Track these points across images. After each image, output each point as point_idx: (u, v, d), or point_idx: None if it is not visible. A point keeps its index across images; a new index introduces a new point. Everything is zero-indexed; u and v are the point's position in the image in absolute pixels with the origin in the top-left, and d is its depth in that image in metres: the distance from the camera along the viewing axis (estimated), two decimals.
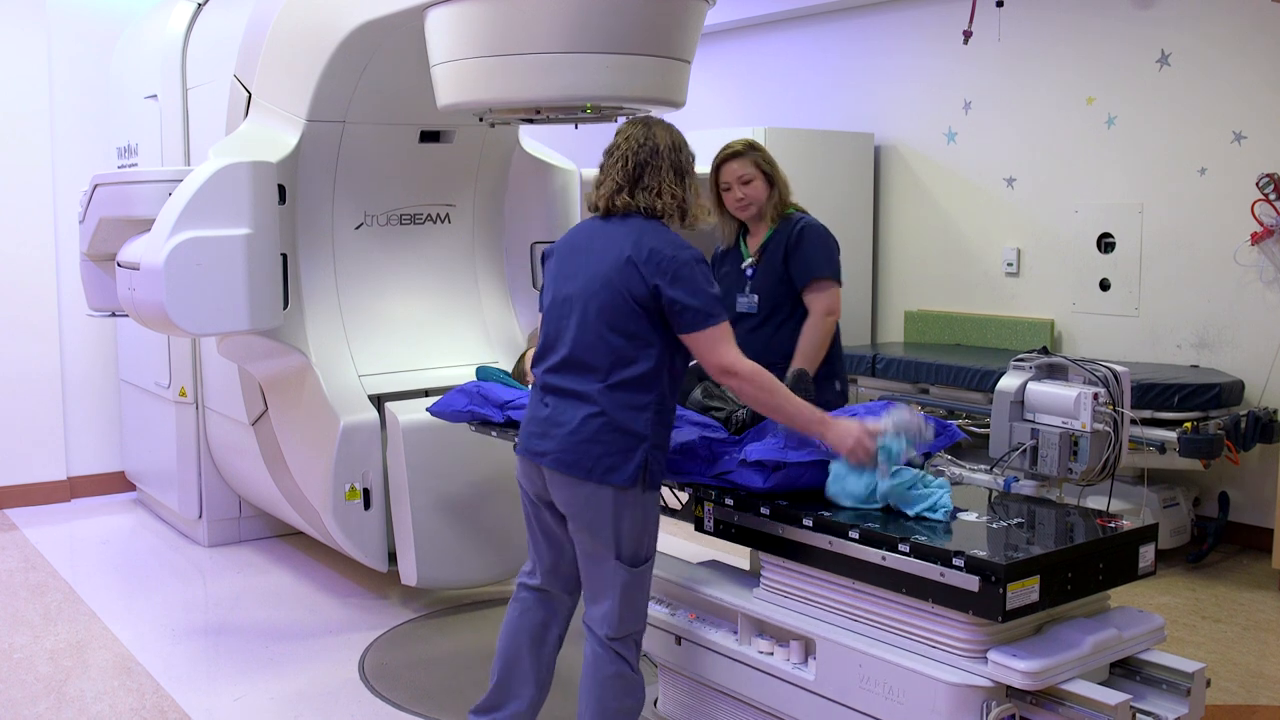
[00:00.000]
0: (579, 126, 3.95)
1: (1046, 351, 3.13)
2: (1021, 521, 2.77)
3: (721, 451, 3.01)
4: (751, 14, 7.40)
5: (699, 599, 3.12)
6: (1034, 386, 3.03)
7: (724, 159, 3.79)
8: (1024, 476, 3.03)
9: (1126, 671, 2.63)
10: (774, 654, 2.89)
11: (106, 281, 4.89)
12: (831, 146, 6.73)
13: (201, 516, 5.54)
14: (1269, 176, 5.21)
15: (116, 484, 6.55)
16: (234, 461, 5.29)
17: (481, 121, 4.07)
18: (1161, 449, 4.87)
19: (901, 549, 2.57)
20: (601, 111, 3.72)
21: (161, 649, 4.28)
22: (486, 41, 3.51)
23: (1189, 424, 4.85)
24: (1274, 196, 5.21)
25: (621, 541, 2.82)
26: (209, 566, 5.29)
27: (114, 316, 5.12)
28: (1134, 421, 3.10)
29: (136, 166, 5.60)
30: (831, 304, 3.71)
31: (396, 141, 4.59)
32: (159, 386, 5.62)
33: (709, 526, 3.10)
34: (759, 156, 3.77)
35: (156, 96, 5.39)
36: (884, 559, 2.61)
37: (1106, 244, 5.90)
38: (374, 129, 4.48)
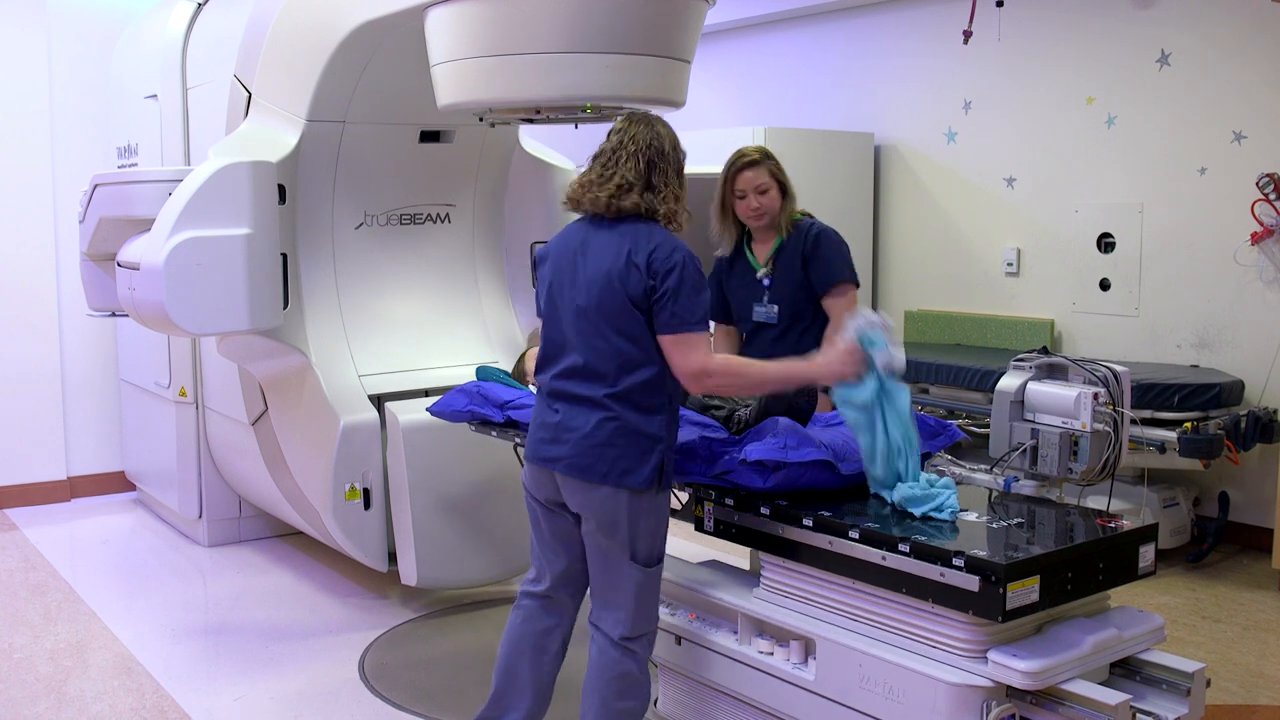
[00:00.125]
0: (579, 126, 3.94)
1: (1046, 351, 3.13)
2: (1021, 521, 2.77)
3: (721, 451, 3.01)
4: (751, 14, 7.40)
5: (699, 599, 3.12)
6: (1034, 386, 3.03)
7: (741, 167, 3.73)
8: (1024, 476, 3.03)
9: (1126, 671, 2.63)
10: (774, 654, 2.89)
11: (106, 281, 4.88)
12: (831, 146, 6.73)
13: (201, 516, 5.54)
14: (1269, 176, 5.21)
15: (116, 484, 6.55)
16: (234, 461, 5.29)
17: (481, 121, 4.07)
18: (1161, 449, 4.86)
19: (901, 549, 2.57)
20: (601, 111, 3.71)
21: (161, 649, 4.28)
22: (486, 41, 3.51)
23: (1189, 424, 4.85)
24: (1274, 196, 5.21)
25: (638, 542, 2.83)
26: (209, 566, 5.29)
27: (114, 316, 5.12)
28: (1134, 421, 3.10)
29: (136, 166, 5.60)
30: (853, 307, 3.73)
31: (396, 141, 4.59)
32: (159, 386, 5.62)
33: (709, 526, 3.11)
34: (774, 165, 3.74)
35: (156, 96, 5.39)
36: (884, 559, 2.61)
37: (1106, 244, 5.90)
38: (374, 129, 4.48)
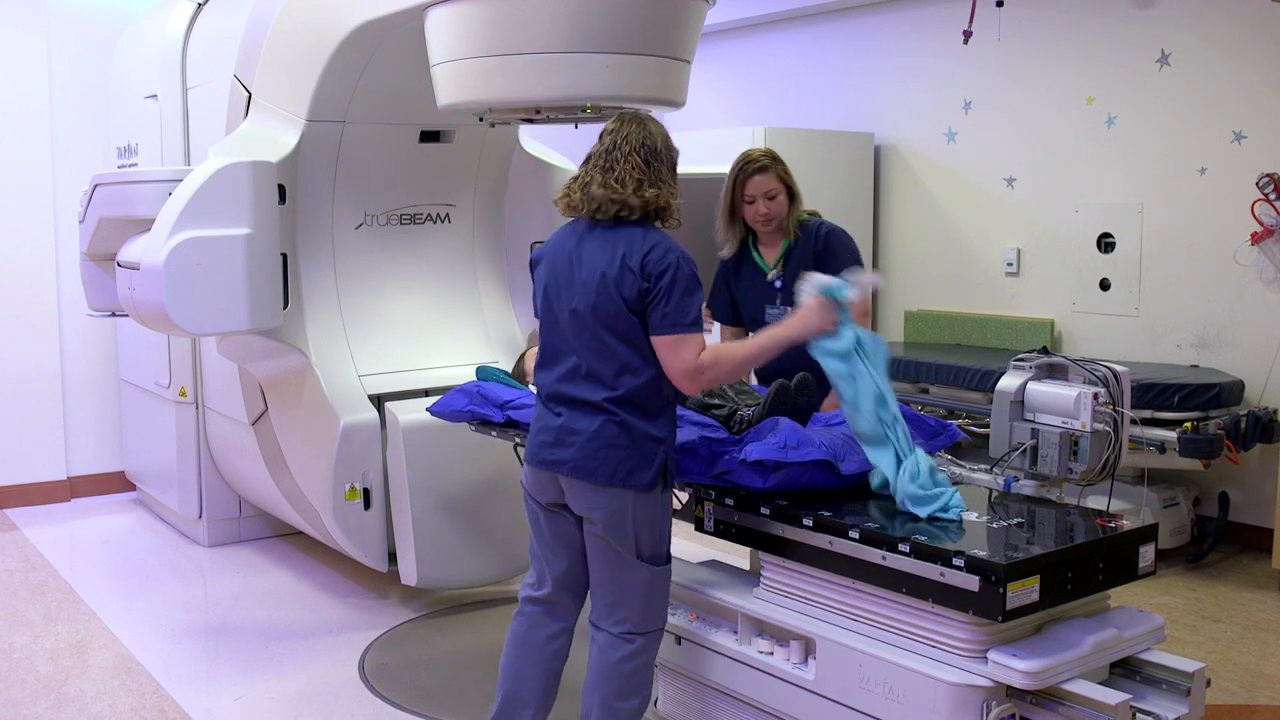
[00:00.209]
0: (579, 126, 3.94)
1: (1046, 351, 3.13)
2: (1021, 521, 2.77)
3: (721, 451, 3.01)
4: (751, 14, 7.40)
5: (699, 599, 3.12)
6: (1034, 386, 3.03)
7: (750, 172, 3.72)
8: (1024, 476, 3.03)
9: (1126, 671, 2.63)
10: (774, 654, 2.89)
11: (106, 281, 4.88)
12: (831, 146, 6.72)
13: (201, 516, 5.54)
14: (1269, 176, 5.21)
15: (116, 484, 6.55)
16: (234, 461, 5.29)
17: (481, 121, 4.07)
18: (1161, 449, 4.86)
19: (901, 549, 2.57)
20: (601, 111, 3.71)
21: (161, 649, 4.28)
22: (486, 41, 3.51)
23: (1189, 424, 4.85)
24: (1274, 196, 5.21)
25: (645, 542, 2.83)
26: (209, 566, 5.29)
27: (114, 316, 5.12)
28: (1134, 421, 3.10)
29: (136, 166, 5.60)
30: (866, 306, 3.75)
31: (396, 141, 4.59)
32: (159, 386, 5.62)
33: (709, 526, 3.11)
34: (782, 169, 3.73)
35: (156, 96, 5.39)
36: (884, 559, 2.61)
37: (1106, 244, 5.90)
38: (374, 129, 4.48)
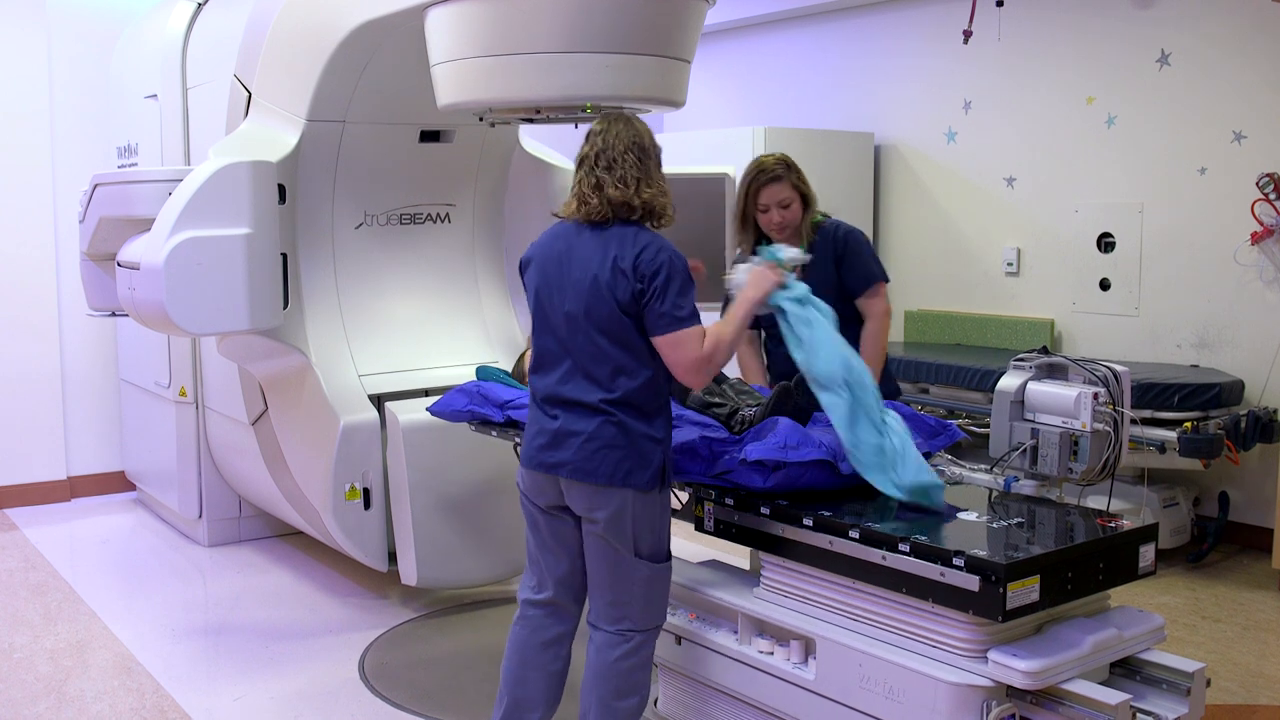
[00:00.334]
0: (579, 126, 3.93)
1: (1046, 351, 3.13)
2: (1021, 521, 2.77)
3: (721, 451, 3.01)
4: (751, 14, 7.40)
5: (699, 599, 3.12)
6: (1034, 386, 3.03)
7: (764, 182, 3.72)
8: (1024, 476, 3.03)
9: (1126, 671, 2.63)
10: (774, 654, 2.89)
11: (106, 281, 4.88)
12: (831, 146, 6.72)
13: (201, 516, 5.54)
14: (1269, 176, 5.21)
15: (116, 484, 6.55)
16: (234, 461, 5.29)
17: (481, 121, 4.07)
18: (1161, 449, 4.86)
19: (901, 549, 2.57)
20: (601, 111, 3.71)
21: (161, 649, 4.27)
22: (486, 41, 3.51)
23: (1189, 424, 4.85)
24: (1274, 196, 5.21)
25: (645, 540, 2.84)
26: (209, 566, 5.29)
27: (114, 316, 5.12)
28: (1134, 421, 3.10)
29: (136, 166, 5.60)
30: (887, 304, 3.79)
31: (396, 141, 4.59)
32: (159, 386, 5.62)
33: (709, 526, 3.11)
34: (795, 177, 3.73)
35: (156, 96, 5.39)
36: (884, 559, 2.61)
37: (1106, 244, 5.90)
38: (374, 129, 4.48)
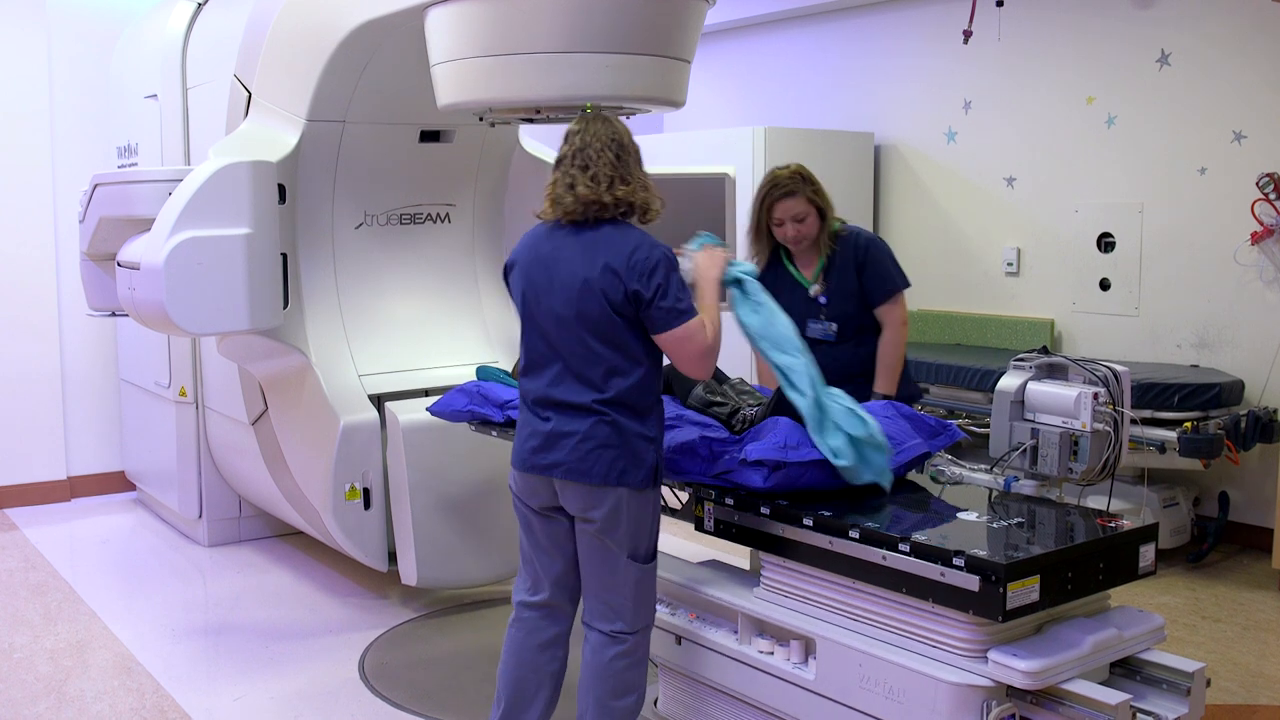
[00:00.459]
0: None
1: (1046, 351, 3.13)
2: (1021, 521, 2.77)
3: (721, 451, 3.01)
4: (751, 14, 7.40)
5: (699, 599, 3.12)
6: (1034, 386, 3.03)
7: (777, 197, 3.71)
8: (1024, 476, 3.03)
9: (1126, 671, 2.63)
10: (774, 654, 2.89)
11: (106, 281, 4.88)
12: (831, 146, 6.72)
13: (201, 516, 5.54)
14: (1269, 176, 5.21)
15: (116, 484, 6.55)
16: (234, 461, 5.28)
17: (481, 121, 4.07)
18: (1161, 449, 4.86)
19: (902, 549, 2.57)
20: (602, 111, 3.71)
21: (161, 649, 4.28)
22: (486, 41, 3.51)
23: (1189, 424, 4.85)
24: (1274, 196, 5.21)
25: (637, 539, 2.85)
26: (209, 566, 5.29)
27: (114, 316, 5.12)
28: (1134, 421, 3.10)
29: (136, 166, 5.60)
30: (905, 313, 3.79)
31: (396, 141, 4.59)
32: (159, 386, 5.62)
33: (709, 526, 3.11)
34: (811, 190, 3.71)
35: (156, 96, 5.39)
36: (884, 559, 2.61)
37: (1106, 244, 5.90)
38: (374, 129, 4.48)
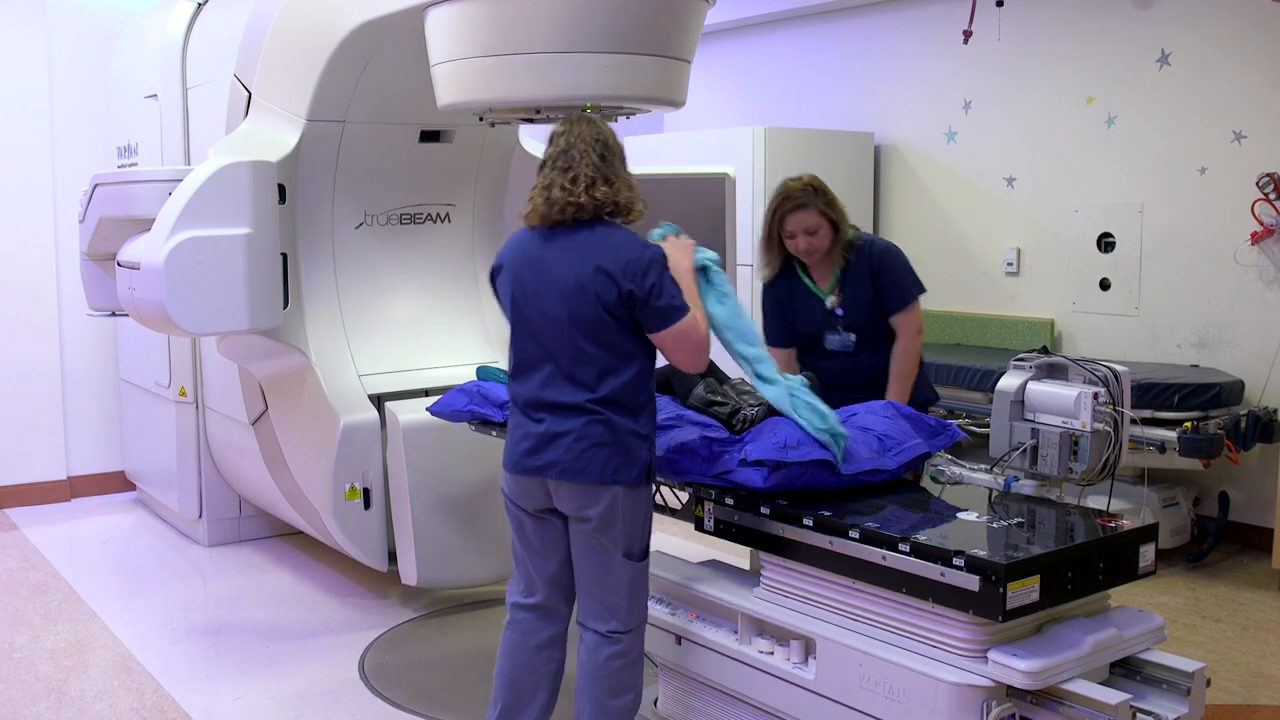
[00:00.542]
0: None
1: (1046, 351, 3.13)
2: (1021, 521, 2.77)
3: (721, 451, 3.01)
4: (751, 14, 7.40)
5: (699, 599, 3.12)
6: (1034, 386, 3.03)
7: (789, 209, 3.69)
8: (1024, 476, 3.03)
9: (1126, 671, 2.63)
10: (774, 654, 2.89)
11: (106, 281, 4.88)
12: (831, 146, 6.72)
13: (201, 516, 5.54)
14: (1269, 176, 5.21)
15: (116, 484, 6.55)
16: (234, 461, 5.28)
17: (481, 121, 4.06)
18: (1161, 449, 4.86)
19: (902, 549, 2.57)
20: (601, 111, 3.71)
21: (161, 649, 4.28)
22: (486, 41, 3.51)
23: (1189, 424, 4.85)
24: (1274, 196, 5.21)
25: (631, 537, 2.86)
26: (209, 566, 5.29)
27: (114, 316, 5.12)
28: (1134, 421, 3.10)
29: (136, 166, 5.60)
30: (920, 321, 3.83)
31: (396, 141, 4.59)
32: (159, 386, 5.62)
33: (709, 526, 3.11)
34: (822, 202, 3.68)
35: (156, 96, 5.39)
36: (884, 558, 2.61)
37: (1106, 244, 5.90)
38: (374, 129, 4.48)
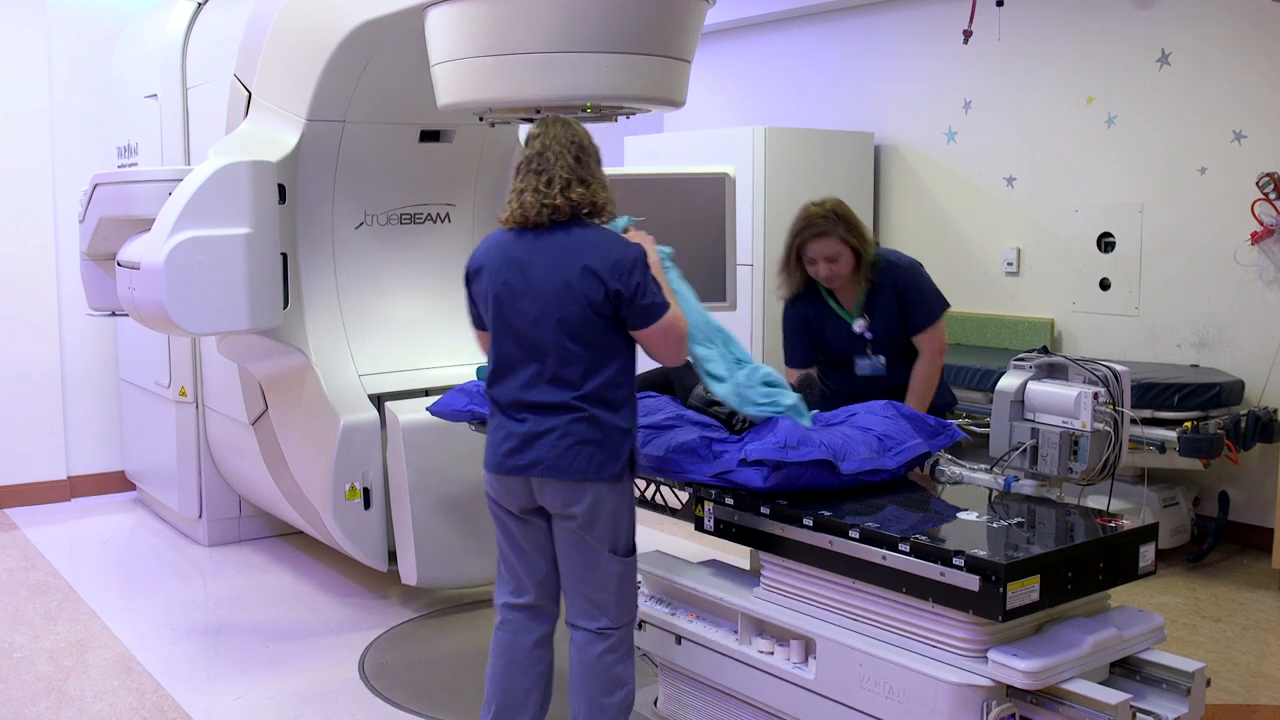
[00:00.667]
0: None
1: (1046, 351, 3.13)
2: (1021, 521, 2.77)
3: (721, 451, 3.01)
4: (751, 14, 7.40)
5: (699, 599, 3.12)
6: (1034, 386, 3.02)
7: (809, 236, 3.67)
8: (1024, 476, 3.03)
9: (1126, 671, 2.63)
10: (774, 654, 2.89)
11: (106, 281, 4.88)
12: (831, 146, 6.72)
13: (201, 516, 5.54)
14: (1269, 176, 5.21)
15: (116, 483, 6.55)
16: (234, 461, 5.29)
17: (481, 121, 4.07)
18: (1161, 449, 4.86)
19: (902, 548, 2.56)
20: (601, 111, 3.71)
21: (161, 649, 4.28)
22: (486, 41, 3.51)
23: (1189, 423, 4.85)
24: (1274, 196, 5.21)
25: (617, 533, 2.87)
26: (209, 566, 5.29)
27: (114, 316, 5.12)
28: (1134, 421, 3.10)
29: (136, 166, 5.60)
30: (943, 340, 3.80)
31: (396, 141, 4.59)
32: (159, 386, 5.62)
33: (709, 526, 3.10)
34: (844, 230, 3.65)
35: (156, 96, 5.39)
36: (884, 558, 2.61)
37: (1106, 244, 5.90)
38: (374, 129, 4.48)
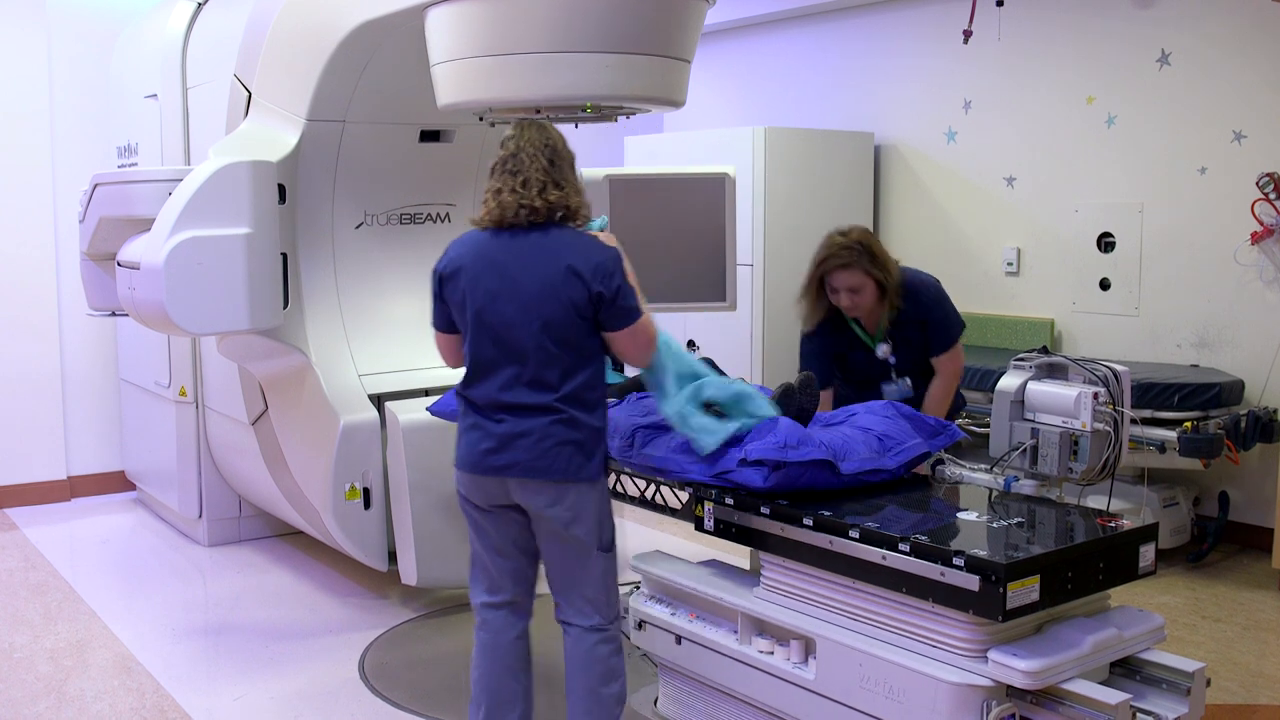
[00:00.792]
0: (579, 126, 3.94)
1: (1046, 351, 3.13)
2: (1021, 521, 2.77)
3: (721, 451, 3.01)
4: (751, 14, 7.40)
5: (699, 599, 3.12)
6: (1034, 386, 3.03)
7: (832, 267, 3.67)
8: (1024, 476, 3.03)
9: (1126, 671, 2.64)
10: (774, 653, 2.89)
11: (106, 281, 4.88)
12: (831, 146, 6.72)
13: (201, 516, 5.54)
14: (1269, 176, 5.21)
15: (116, 483, 6.55)
16: (234, 461, 5.29)
17: (481, 121, 4.07)
18: (1161, 449, 4.86)
19: (902, 548, 2.57)
20: (601, 111, 3.71)
21: (161, 649, 4.28)
22: (486, 41, 3.51)
23: (1189, 423, 4.85)
24: (1274, 196, 5.21)
25: (601, 529, 2.89)
26: (209, 566, 5.29)
27: (114, 316, 5.12)
28: (1134, 421, 3.10)
29: (136, 166, 5.60)
30: (961, 362, 3.85)
31: (396, 141, 4.59)
32: (159, 386, 5.62)
33: (709, 526, 3.11)
34: (867, 263, 3.64)
35: (156, 96, 5.39)
36: (884, 558, 2.61)
37: (1106, 244, 5.90)
38: (374, 129, 4.48)
